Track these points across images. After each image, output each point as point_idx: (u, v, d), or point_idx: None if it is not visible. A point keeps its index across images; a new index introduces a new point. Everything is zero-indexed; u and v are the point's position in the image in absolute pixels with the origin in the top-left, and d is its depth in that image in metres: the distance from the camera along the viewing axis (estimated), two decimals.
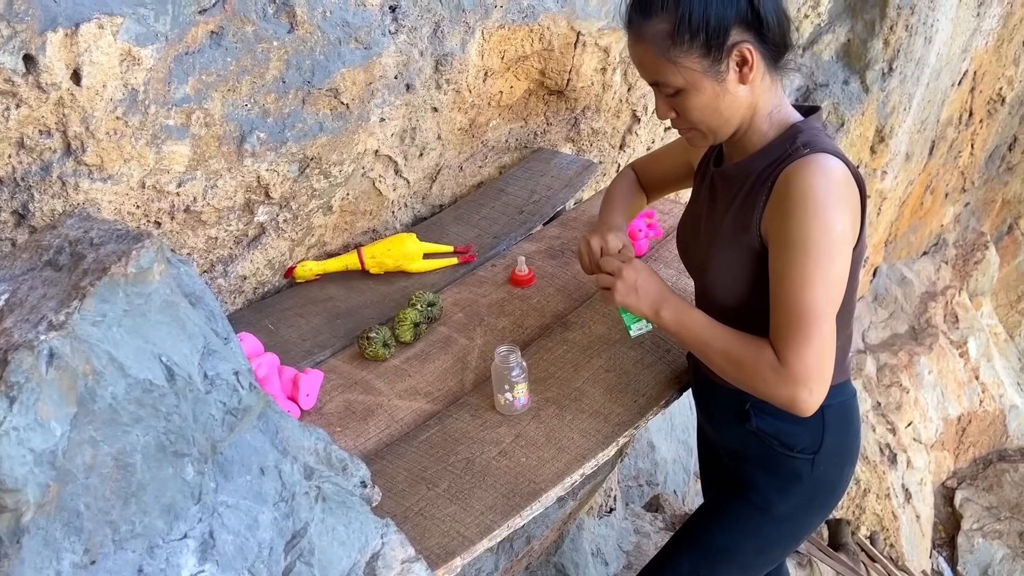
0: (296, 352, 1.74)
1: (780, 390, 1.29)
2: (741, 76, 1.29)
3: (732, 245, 1.37)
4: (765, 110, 1.35)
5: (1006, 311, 7.29)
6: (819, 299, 1.25)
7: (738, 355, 1.34)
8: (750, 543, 1.55)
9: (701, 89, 1.30)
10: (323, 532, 1.03)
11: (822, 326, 1.26)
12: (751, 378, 1.33)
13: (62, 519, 0.80)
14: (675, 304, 1.42)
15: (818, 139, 1.30)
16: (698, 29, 1.25)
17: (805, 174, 1.25)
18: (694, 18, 1.25)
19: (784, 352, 1.28)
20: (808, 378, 1.27)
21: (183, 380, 0.92)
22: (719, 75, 1.29)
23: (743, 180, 1.37)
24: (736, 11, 1.25)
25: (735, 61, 1.28)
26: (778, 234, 1.28)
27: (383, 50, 1.80)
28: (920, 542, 5.35)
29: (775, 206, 1.29)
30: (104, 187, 1.47)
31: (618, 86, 2.52)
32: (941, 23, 4.03)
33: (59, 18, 1.28)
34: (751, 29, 1.27)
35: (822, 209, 1.23)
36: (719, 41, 1.26)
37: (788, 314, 1.27)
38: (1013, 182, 7.01)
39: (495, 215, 2.20)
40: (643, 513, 3.24)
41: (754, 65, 1.28)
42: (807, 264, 1.24)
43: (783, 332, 1.28)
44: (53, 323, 0.82)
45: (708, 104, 1.31)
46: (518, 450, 1.48)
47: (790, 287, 1.26)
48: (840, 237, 1.24)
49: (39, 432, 0.77)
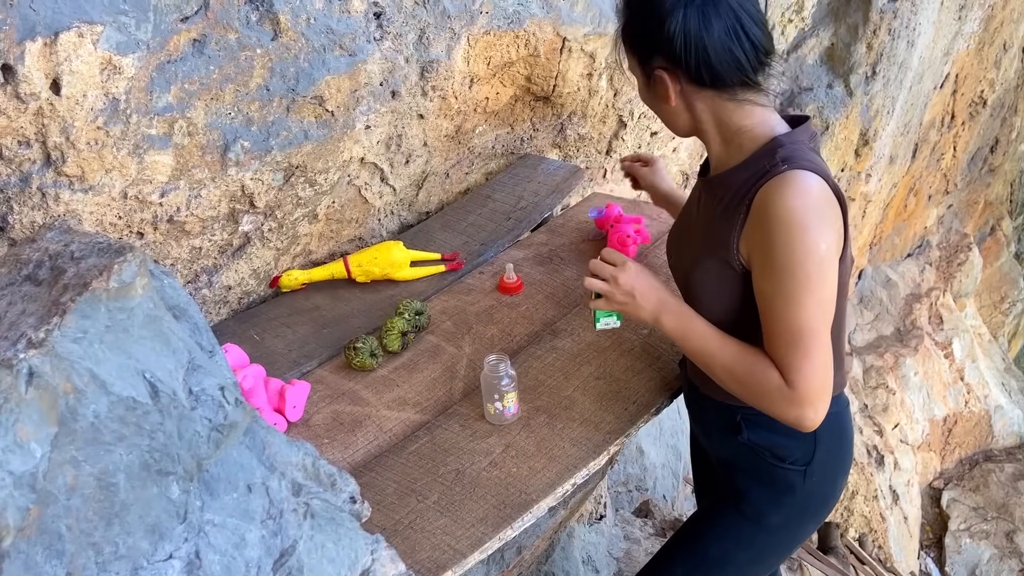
0: (282, 363, 1.72)
1: (788, 411, 1.30)
2: (664, 93, 1.36)
3: (711, 258, 1.36)
4: (727, 127, 1.35)
5: (989, 312, 7.35)
6: (812, 319, 1.25)
7: (743, 372, 1.34)
8: (743, 554, 1.54)
9: (641, 88, 1.43)
10: (312, 549, 1.01)
11: (819, 344, 1.26)
12: (756, 397, 1.34)
13: (43, 542, 0.78)
14: (676, 311, 1.40)
15: (797, 154, 1.28)
16: (633, 45, 1.38)
17: (783, 196, 1.24)
18: (632, 35, 1.38)
19: (789, 375, 1.28)
20: (815, 398, 1.28)
21: (167, 396, 0.90)
22: (652, 85, 1.38)
23: (722, 193, 1.36)
24: (659, 44, 1.32)
25: (658, 81, 1.35)
26: (762, 258, 1.27)
27: (368, 57, 1.78)
28: (908, 543, 5.37)
29: (754, 228, 1.28)
30: (85, 198, 1.45)
31: (604, 91, 2.52)
32: (923, 27, 4.05)
33: (38, 27, 1.25)
34: (673, 60, 1.32)
35: (804, 231, 1.22)
36: (645, 59, 1.36)
37: (785, 338, 1.27)
38: (995, 184, 7.07)
39: (482, 222, 2.19)
40: (633, 519, 3.23)
41: (672, 92, 1.34)
42: (796, 288, 1.24)
43: (783, 355, 1.28)
44: (33, 340, 0.80)
45: (649, 103, 1.44)
46: (509, 460, 1.46)
47: (782, 312, 1.26)
48: (825, 256, 1.24)
49: (18, 454, 0.74)
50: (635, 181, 1.98)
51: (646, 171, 1.95)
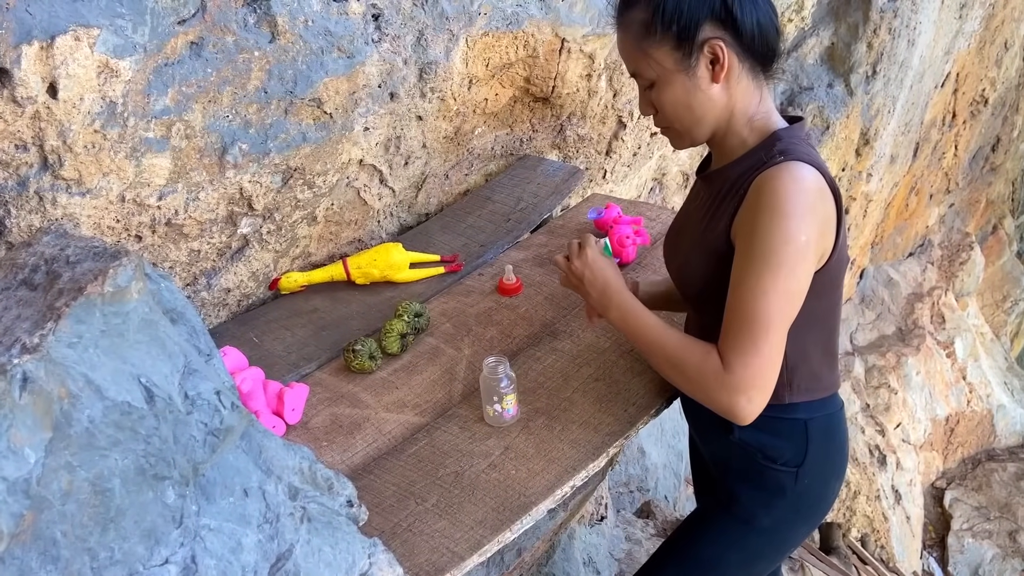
0: (281, 365, 1.72)
1: (720, 396, 1.27)
2: (713, 74, 1.29)
3: (706, 250, 1.36)
4: (745, 115, 1.34)
5: (992, 311, 7.34)
6: (772, 309, 1.23)
7: (680, 358, 1.32)
8: (735, 556, 1.54)
9: (672, 83, 1.31)
10: (309, 554, 1.01)
11: (771, 336, 1.24)
12: (691, 383, 1.31)
13: (38, 548, 0.78)
14: (619, 303, 1.40)
15: (796, 147, 1.28)
16: (671, 21, 1.26)
17: (775, 182, 1.23)
18: (668, 10, 1.26)
19: (729, 358, 1.25)
20: (750, 386, 1.25)
21: (163, 401, 0.90)
22: (690, 70, 1.29)
23: (720, 186, 1.36)
24: (710, 8, 1.26)
25: (707, 58, 1.28)
26: (742, 239, 1.27)
27: (366, 59, 1.78)
28: (910, 543, 5.36)
29: (744, 211, 1.28)
30: (83, 201, 1.45)
31: (603, 92, 2.51)
32: (924, 26, 4.05)
33: (34, 30, 1.25)
34: (725, 27, 1.27)
35: (787, 218, 1.21)
36: (690, 34, 1.27)
37: (739, 320, 1.25)
38: (996, 182, 7.06)
39: (481, 223, 2.18)
40: (634, 520, 3.23)
41: (727, 64, 1.28)
42: (764, 273, 1.22)
43: (732, 338, 1.26)
44: (27, 346, 0.80)
45: (680, 100, 1.32)
46: (508, 463, 1.46)
47: (745, 294, 1.24)
48: (802, 248, 1.22)
49: (12, 460, 0.74)
50: None
51: None
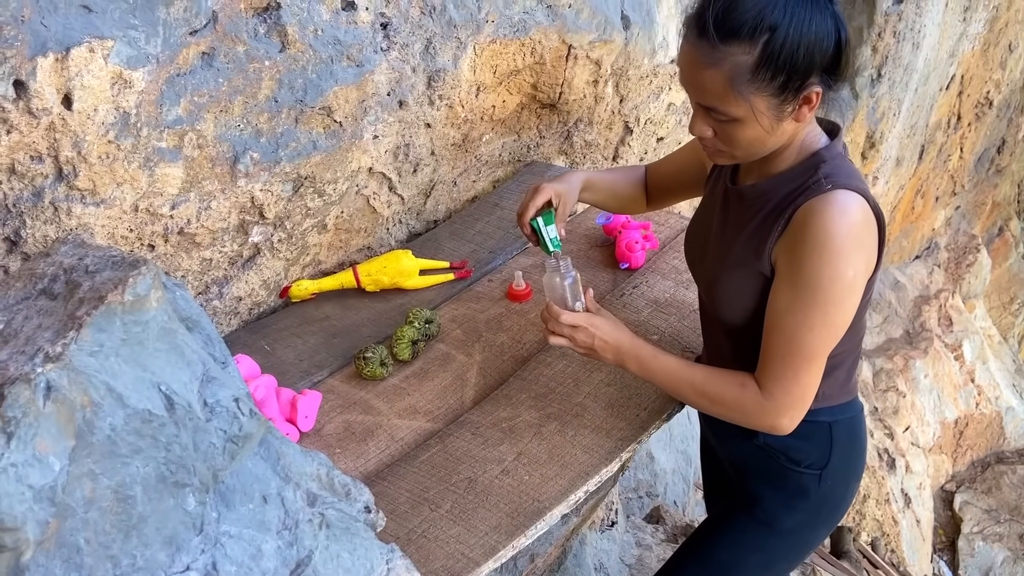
0: (293, 373, 1.72)
1: (762, 420, 1.32)
2: (799, 114, 1.23)
3: (742, 268, 1.35)
4: (799, 139, 1.31)
5: (999, 313, 7.32)
6: (817, 343, 1.26)
7: (715, 392, 1.36)
8: (755, 558, 1.54)
9: (757, 123, 1.23)
10: (327, 560, 1.01)
11: (813, 367, 1.27)
12: (731, 411, 1.36)
13: (62, 555, 0.78)
14: (636, 355, 1.42)
15: (841, 171, 1.26)
16: (780, 71, 1.17)
17: (824, 216, 1.21)
18: (781, 59, 1.16)
19: (770, 386, 1.29)
20: (791, 408, 1.29)
21: (183, 409, 0.90)
22: (783, 116, 1.23)
23: (760, 205, 1.33)
24: (822, 57, 1.18)
25: (800, 102, 1.22)
26: (788, 269, 1.27)
27: (375, 67, 1.79)
28: (921, 547, 5.34)
29: (790, 239, 1.27)
30: (97, 211, 1.46)
31: (610, 98, 2.52)
32: (928, 28, 4.05)
33: (49, 43, 1.26)
34: (828, 72, 1.22)
35: (836, 255, 1.21)
36: (798, 85, 1.19)
37: (782, 351, 1.27)
38: (1003, 184, 7.05)
39: (490, 229, 2.19)
40: (644, 525, 3.22)
41: (815, 105, 1.23)
42: (812, 308, 1.23)
43: (773, 366, 1.28)
44: (50, 355, 0.81)
45: (758, 137, 1.25)
46: (520, 468, 1.46)
47: (791, 325, 1.26)
48: (850, 283, 1.23)
49: (37, 468, 0.75)
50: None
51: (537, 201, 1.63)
